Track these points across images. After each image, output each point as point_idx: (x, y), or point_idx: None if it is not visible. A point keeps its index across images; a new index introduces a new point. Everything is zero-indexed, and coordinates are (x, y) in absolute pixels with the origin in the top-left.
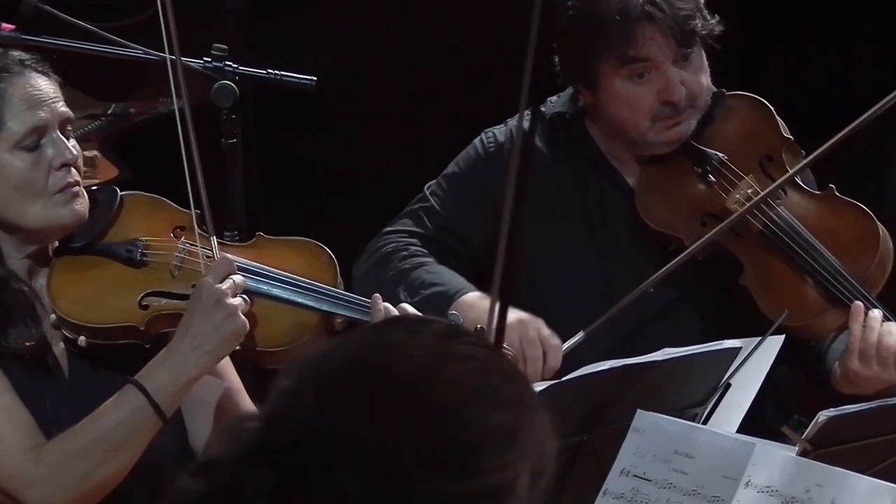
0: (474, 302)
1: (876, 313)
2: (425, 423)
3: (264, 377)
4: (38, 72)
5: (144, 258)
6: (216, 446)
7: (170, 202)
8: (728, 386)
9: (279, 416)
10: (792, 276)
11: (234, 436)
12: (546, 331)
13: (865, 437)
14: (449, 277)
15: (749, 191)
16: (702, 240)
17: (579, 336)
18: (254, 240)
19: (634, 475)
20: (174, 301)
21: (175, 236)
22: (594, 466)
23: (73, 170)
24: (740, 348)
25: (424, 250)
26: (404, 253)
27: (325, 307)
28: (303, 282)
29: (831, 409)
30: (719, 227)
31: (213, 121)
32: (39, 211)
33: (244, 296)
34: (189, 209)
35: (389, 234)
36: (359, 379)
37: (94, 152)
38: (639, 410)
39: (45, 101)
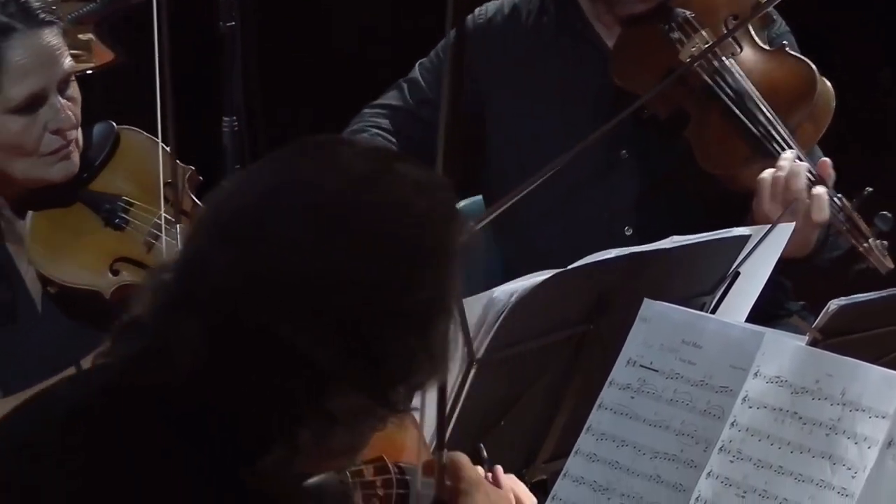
0: None
1: (788, 153)
2: (350, 250)
3: None
4: (45, 23)
5: (123, 222)
6: (136, 306)
7: (165, 148)
8: (737, 274)
9: (193, 264)
10: (726, 125)
11: (152, 291)
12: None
13: (876, 327)
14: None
15: (703, 44)
16: (653, 90)
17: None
18: None
19: (641, 365)
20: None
21: (165, 198)
22: (600, 357)
23: (68, 133)
24: (750, 236)
25: (390, 135)
26: (365, 136)
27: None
28: None
29: (842, 298)
30: (669, 78)
31: (210, 3)
32: (26, 168)
33: None
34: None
35: (367, 108)
36: (270, 213)
37: (89, 35)
38: (646, 299)
39: (47, 62)
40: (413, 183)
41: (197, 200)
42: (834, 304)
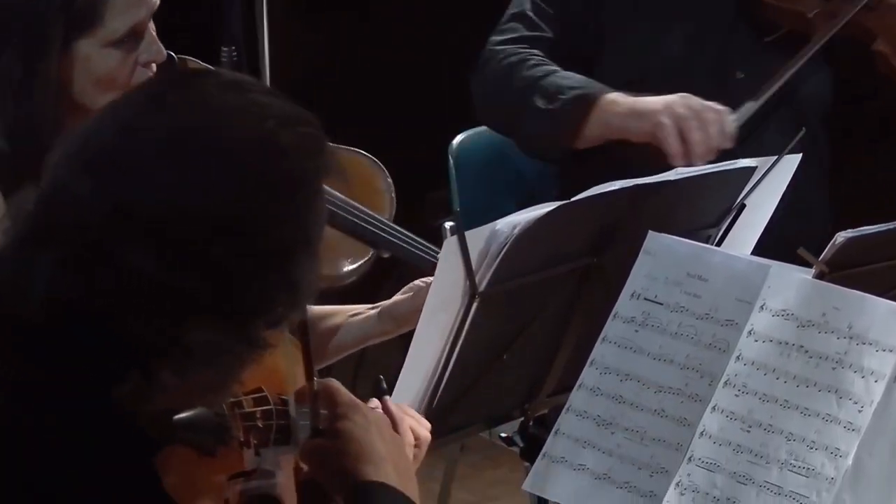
0: (618, 98)
1: None
2: (209, 181)
3: None
4: None
5: None
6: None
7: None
8: (743, 206)
9: (55, 194)
10: None
11: (13, 221)
12: (708, 102)
13: (884, 260)
14: (586, 81)
15: None
16: (845, 14)
17: (748, 104)
18: None
19: (645, 298)
20: None
21: None
22: (604, 290)
23: (153, 65)
24: (756, 167)
25: (547, 58)
26: (531, 62)
27: (380, 243)
28: (361, 211)
29: (849, 231)
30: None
31: None
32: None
33: None
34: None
35: (504, 43)
36: (129, 145)
37: None
38: (650, 232)
39: None
40: (277, 116)
41: None
42: (841, 237)
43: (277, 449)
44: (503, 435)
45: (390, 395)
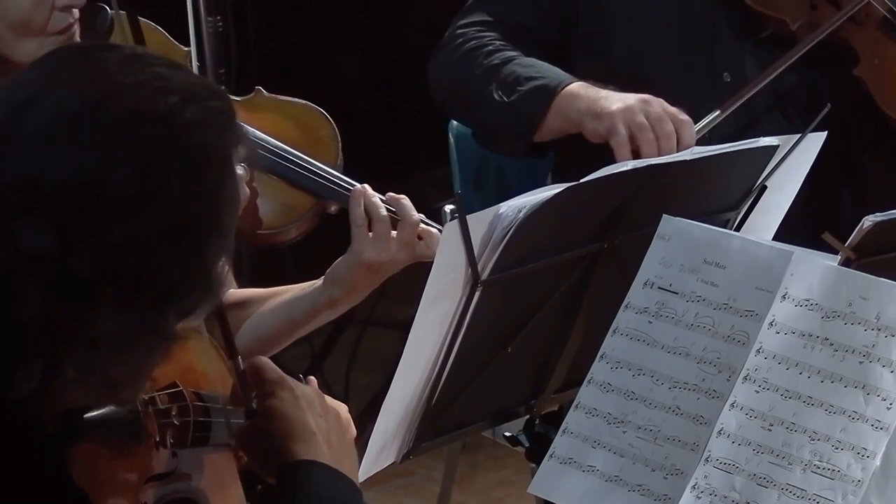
0: (580, 91)
1: None
2: (108, 158)
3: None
4: None
5: None
6: None
7: (165, 33)
8: (764, 188)
9: None
10: None
11: None
12: (671, 107)
13: None
14: (546, 69)
15: None
16: (832, 21)
17: (715, 114)
18: (252, 95)
19: (660, 287)
20: None
21: None
22: (615, 278)
23: (74, 10)
24: (777, 146)
25: (508, 44)
26: (490, 48)
27: (324, 193)
28: (304, 159)
29: (878, 214)
30: (844, 12)
31: None
32: (34, 49)
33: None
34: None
35: (465, 26)
36: (25, 120)
37: None
38: (664, 216)
39: None
40: (183, 91)
41: None
42: (869, 221)
43: (196, 450)
44: (507, 434)
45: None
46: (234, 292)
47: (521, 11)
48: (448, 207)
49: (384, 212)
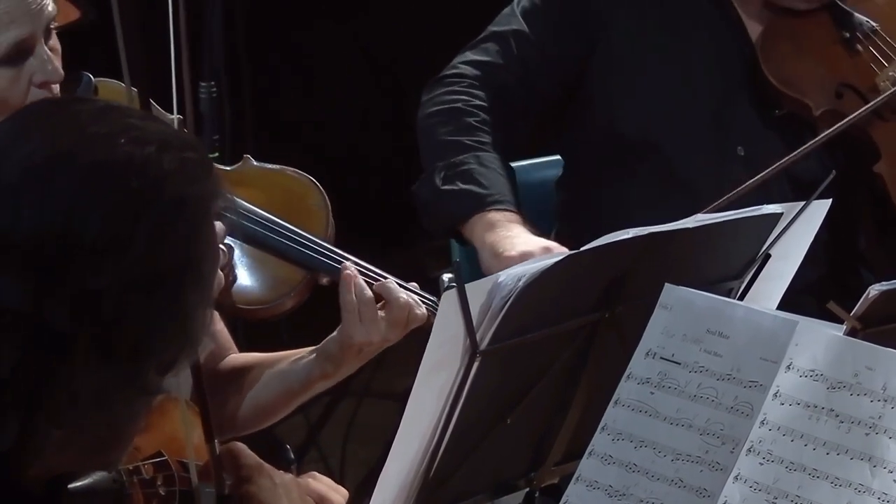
0: (497, 222)
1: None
2: (80, 210)
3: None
4: None
5: None
6: None
7: (151, 101)
8: (767, 256)
9: None
10: None
11: None
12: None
13: None
14: (495, 181)
15: None
16: (855, 114)
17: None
18: (240, 164)
19: (662, 357)
20: None
21: None
22: (616, 348)
23: (53, 86)
24: (781, 214)
25: (490, 119)
26: (470, 119)
27: (314, 265)
28: (291, 230)
29: (883, 283)
30: (873, 103)
31: None
32: None
33: (226, 242)
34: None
35: (467, 65)
36: (3, 169)
37: None
38: (667, 284)
39: (35, 7)
40: (158, 141)
41: None
42: (875, 289)
43: None
44: None
45: (298, 464)
46: (237, 357)
47: (531, 60)
48: (446, 276)
49: (369, 293)
